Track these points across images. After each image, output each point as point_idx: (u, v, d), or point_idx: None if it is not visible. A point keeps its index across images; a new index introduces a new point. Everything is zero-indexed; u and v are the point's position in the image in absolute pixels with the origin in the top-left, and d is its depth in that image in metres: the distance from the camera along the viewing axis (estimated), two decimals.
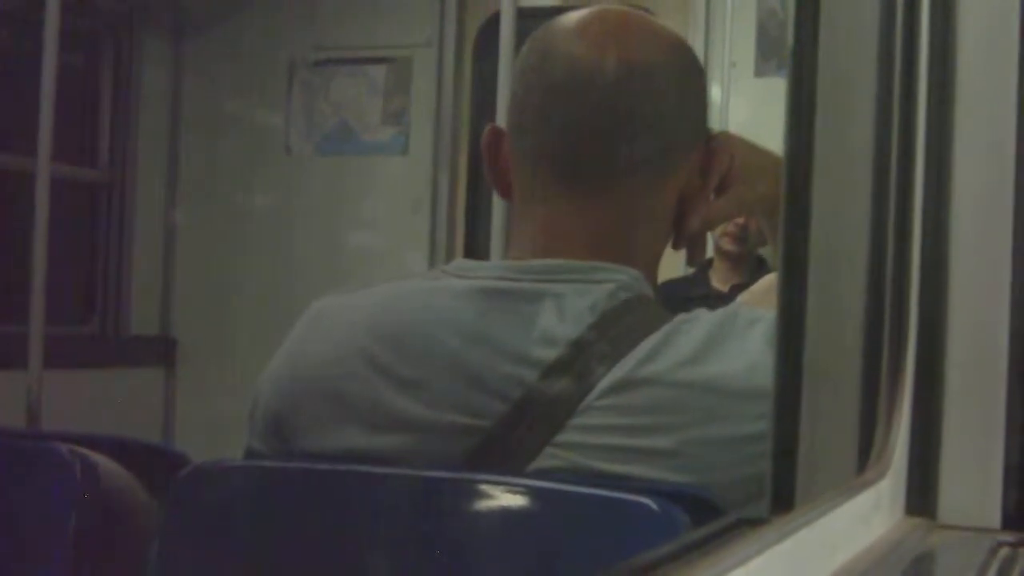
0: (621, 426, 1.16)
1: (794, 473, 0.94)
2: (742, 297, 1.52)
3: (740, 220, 3.81)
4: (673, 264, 1.42)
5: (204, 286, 5.18)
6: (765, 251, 3.98)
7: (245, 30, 5.22)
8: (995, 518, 1.27)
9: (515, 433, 1.17)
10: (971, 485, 1.28)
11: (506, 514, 1.16)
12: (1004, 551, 1.20)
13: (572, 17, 1.30)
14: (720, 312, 1.22)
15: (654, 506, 1.08)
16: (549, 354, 1.18)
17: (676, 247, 1.34)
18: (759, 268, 3.89)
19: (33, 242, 3.19)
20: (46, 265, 3.19)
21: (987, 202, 1.29)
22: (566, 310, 1.20)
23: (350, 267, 4.92)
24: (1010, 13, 1.29)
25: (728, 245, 3.99)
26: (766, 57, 4.57)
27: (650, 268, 1.30)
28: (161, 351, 5.18)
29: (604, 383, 1.17)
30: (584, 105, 1.26)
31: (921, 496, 1.26)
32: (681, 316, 1.21)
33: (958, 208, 1.30)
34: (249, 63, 5.21)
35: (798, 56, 0.95)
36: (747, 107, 4.38)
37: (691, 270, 3.88)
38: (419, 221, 4.99)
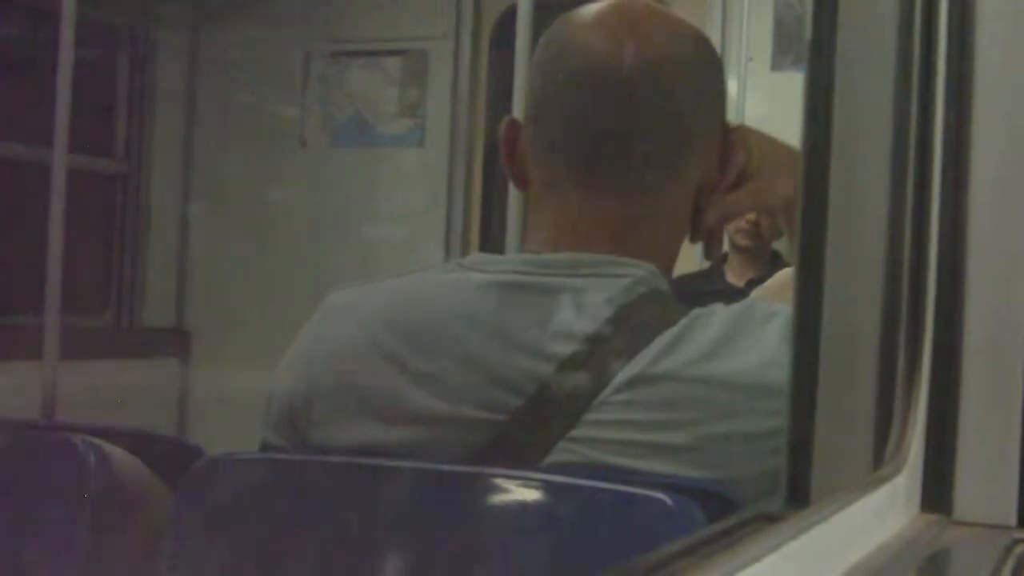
0: (637, 421, 1.16)
1: (810, 469, 0.94)
2: (757, 292, 1.51)
3: (752, 216, 3.80)
4: (689, 259, 1.41)
5: (218, 278, 5.19)
6: (780, 245, 3.97)
7: (260, 22, 5.22)
8: (1011, 515, 1.27)
9: (530, 428, 1.17)
10: (987, 482, 1.27)
11: (521, 509, 1.16)
12: (1020, 548, 1.19)
13: (590, 10, 1.30)
14: (736, 307, 1.22)
15: (669, 502, 1.08)
16: (565, 349, 1.18)
17: (693, 241, 1.34)
18: (775, 263, 3.88)
19: (49, 233, 3.20)
20: (62, 256, 3.19)
21: (1005, 198, 1.29)
22: (583, 304, 1.20)
23: (365, 259, 4.92)
24: None
25: (741, 240, 3.98)
26: (783, 51, 4.56)
27: (667, 262, 1.29)
28: (175, 343, 5.19)
29: (620, 378, 1.16)
30: (602, 98, 1.26)
31: (937, 493, 1.26)
32: (697, 311, 1.21)
33: (976, 203, 1.29)
34: (264, 55, 5.21)
35: (816, 50, 0.95)
36: (764, 101, 4.37)
37: (707, 264, 3.87)
38: (435, 213, 4.98)
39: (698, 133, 1.29)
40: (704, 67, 1.32)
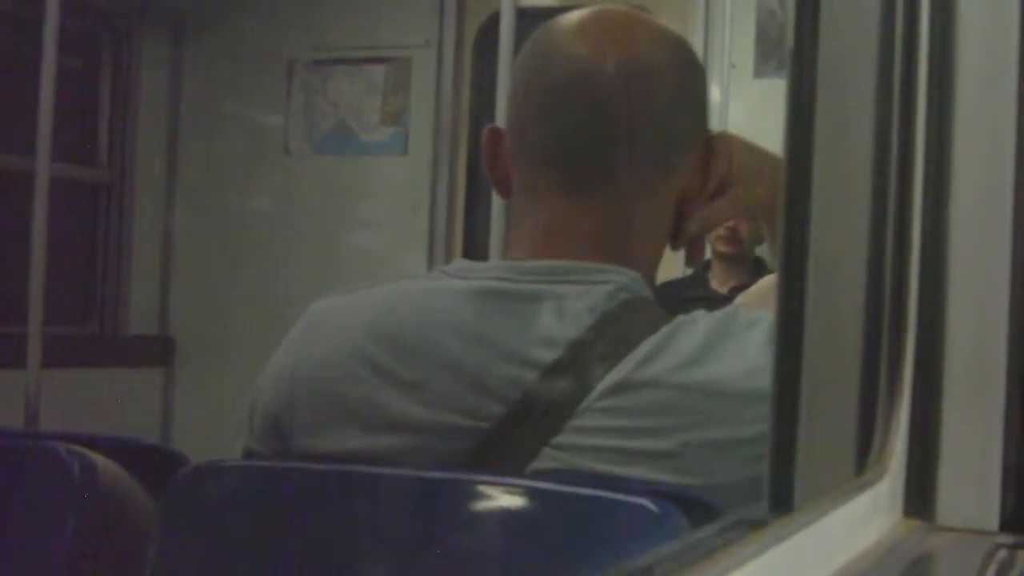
0: (620, 428, 1.16)
1: (793, 475, 0.94)
2: (740, 299, 1.52)
3: (730, 223, 3.81)
4: (672, 265, 1.41)
5: (203, 286, 5.18)
6: (763, 252, 3.97)
7: (244, 30, 5.21)
8: (993, 520, 1.27)
9: (514, 434, 1.17)
10: (969, 487, 1.27)
11: (505, 515, 1.16)
12: (1002, 553, 1.19)
13: (572, 17, 1.30)
14: (719, 313, 1.22)
15: (653, 508, 1.08)
16: (548, 355, 1.18)
17: (675, 248, 1.34)
18: (758, 270, 3.89)
19: (32, 241, 3.19)
20: (45, 264, 3.19)
21: (986, 203, 1.29)
22: (565, 311, 1.20)
23: (349, 267, 4.91)
24: (1011, 13, 1.29)
25: (721, 247, 3.98)
26: (766, 58, 4.57)
27: (649, 269, 1.30)
28: (159, 351, 5.18)
29: (603, 385, 1.16)
30: (583, 105, 1.26)
31: (919, 498, 1.26)
32: (680, 317, 1.21)
33: (957, 209, 1.29)
34: (248, 63, 5.20)
35: (797, 57, 0.95)
36: (746, 108, 4.38)
37: (690, 271, 3.87)
38: (418, 221, 4.98)
39: (680, 140, 1.30)
40: (686, 74, 1.32)
